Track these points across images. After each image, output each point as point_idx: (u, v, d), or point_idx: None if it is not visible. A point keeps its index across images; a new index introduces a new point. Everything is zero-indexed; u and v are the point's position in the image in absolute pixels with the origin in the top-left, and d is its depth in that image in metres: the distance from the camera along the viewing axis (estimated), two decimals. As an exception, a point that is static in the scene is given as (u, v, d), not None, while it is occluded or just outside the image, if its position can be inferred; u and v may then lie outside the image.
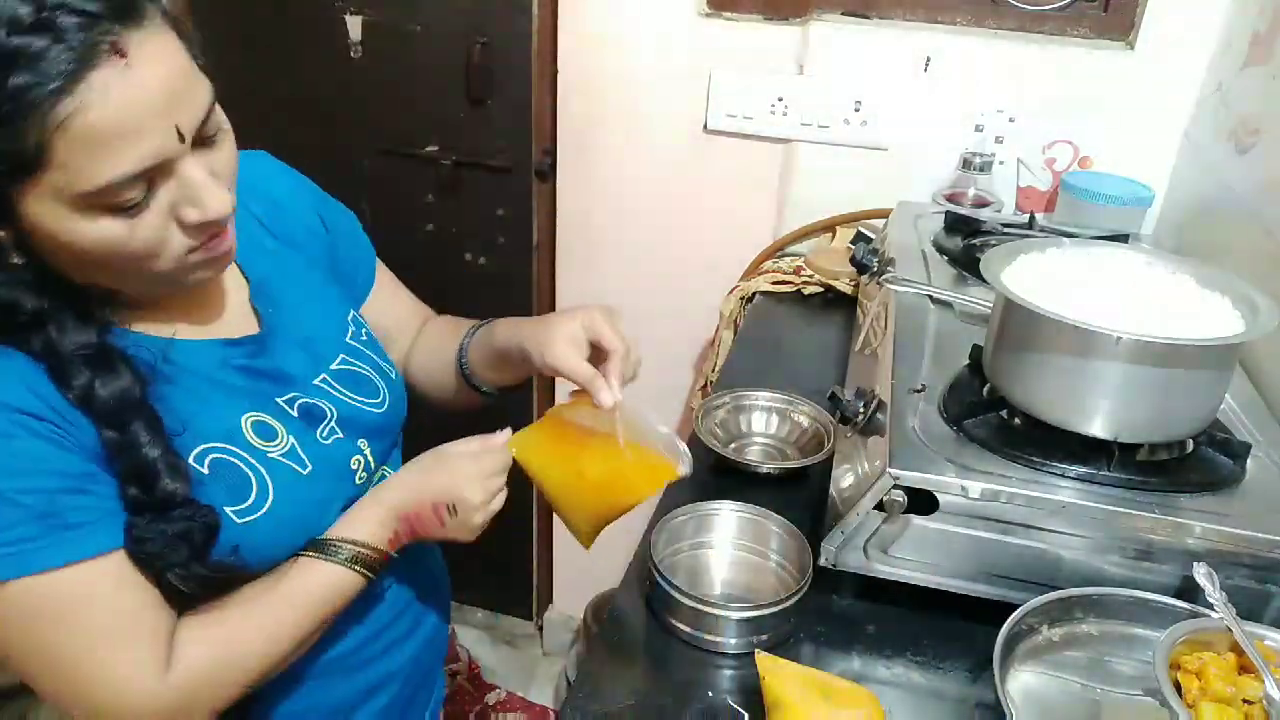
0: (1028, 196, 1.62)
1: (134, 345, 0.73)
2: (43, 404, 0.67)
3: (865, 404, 0.94)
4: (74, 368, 0.68)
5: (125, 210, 0.65)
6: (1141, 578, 0.83)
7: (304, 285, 0.90)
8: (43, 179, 0.61)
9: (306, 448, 0.82)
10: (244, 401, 0.79)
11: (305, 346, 0.87)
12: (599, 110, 1.78)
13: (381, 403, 0.91)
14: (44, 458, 0.66)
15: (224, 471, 0.75)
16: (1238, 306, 0.87)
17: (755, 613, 0.84)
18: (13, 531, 0.65)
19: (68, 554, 0.67)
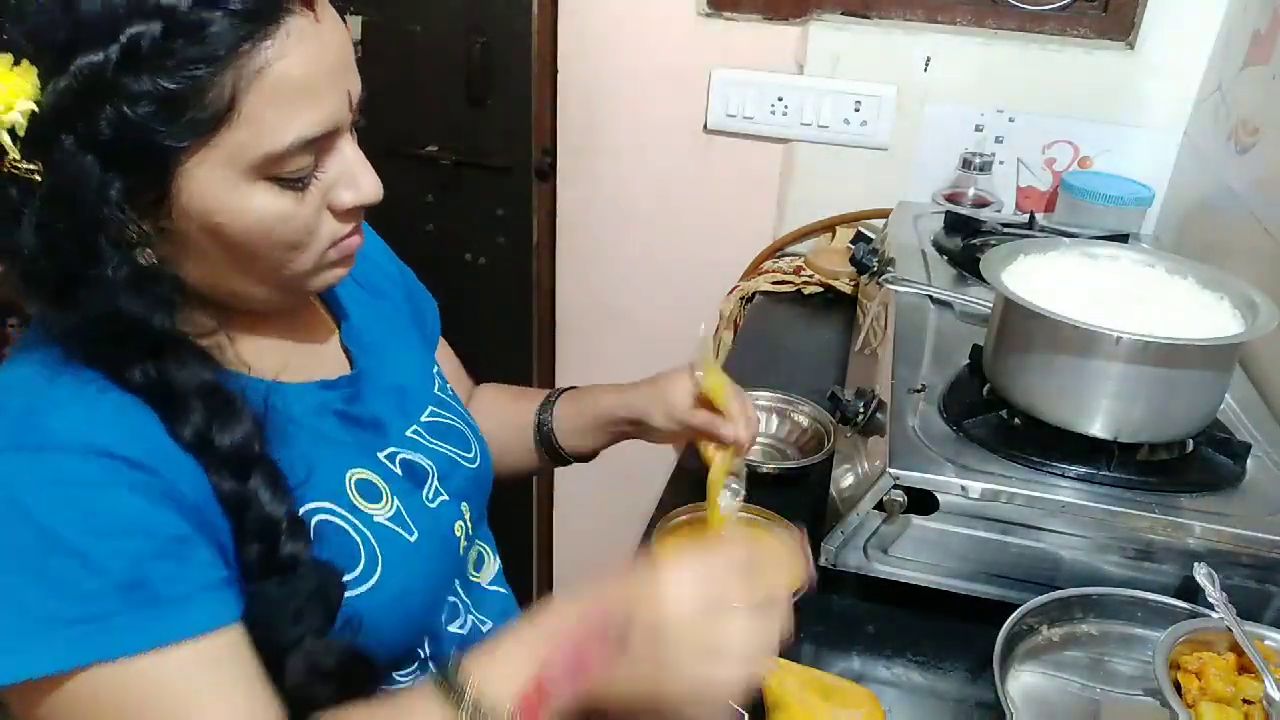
0: (1028, 196, 1.62)
1: (245, 385, 0.64)
2: (146, 450, 0.57)
3: (865, 404, 0.94)
4: (190, 406, 0.59)
5: (293, 183, 0.60)
6: (1141, 578, 0.83)
7: (390, 331, 0.84)
8: (223, 137, 0.56)
9: (413, 512, 0.72)
10: (348, 455, 0.70)
11: (396, 394, 0.79)
12: (599, 110, 1.78)
13: (474, 458, 0.83)
14: (137, 514, 0.55)
15: (331, 536, 0.65)
16: (1238, 306, 0.87)
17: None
18: (93, 605, 0.53)
19: (156, 635, 0.55)
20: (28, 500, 0.53)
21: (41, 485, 0.54)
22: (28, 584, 0.53)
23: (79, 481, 0.55)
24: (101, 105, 0.53)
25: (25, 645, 0.52)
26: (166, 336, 0.59)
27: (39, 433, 0.55)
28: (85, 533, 0.54)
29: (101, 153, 0.54)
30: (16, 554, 0.53)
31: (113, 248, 0.56)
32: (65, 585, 0.53)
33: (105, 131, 0.53)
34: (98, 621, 0.53)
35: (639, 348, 1.92)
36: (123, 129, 0.53)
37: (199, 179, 0.57)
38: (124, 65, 0.52)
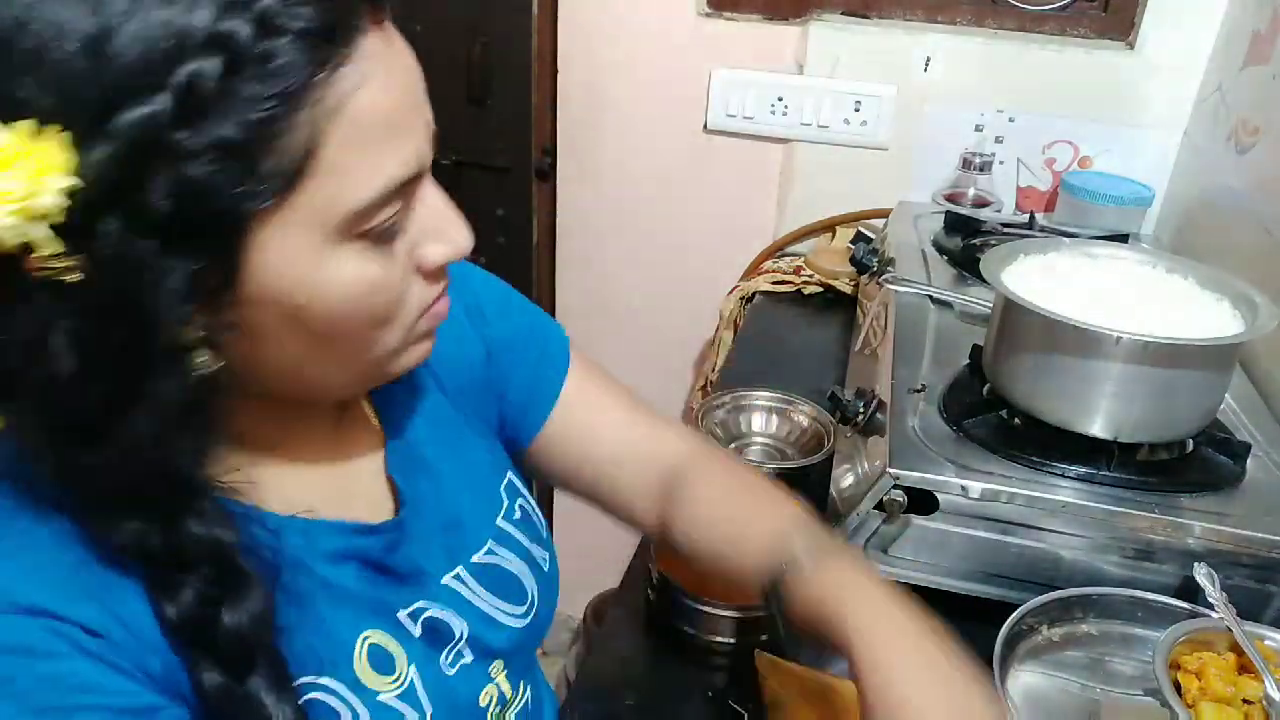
0: (1028, 196, 1.62)
1: (258, 528, 0.51)
2: (100, 611, 0.46)
3: (865, 404, 0.94)
4: (191, 580, 0.47)
5: (380, 239, 0.49)
6: (1141, 578, 0.83)
7: (456, 435, 0.68)
8: (303, 191, 0.45)
9: (428, 682, 0.59)
10: (361, 617, 0.58)
11: (448, 532, 0.65)
12: (599, 110, 1.78)
13: (526, 611, 0.68)
14: (95, 687, 0.45)
15: (321, 718, 0.54)
16: (1238, 306, 0.87)
17: (755, 613, 0.84)
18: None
19: None
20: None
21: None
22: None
23: (24, 649, 0.44)
24: (154, 170, 0.41)
25: None
26: (186, 485, 0.47)
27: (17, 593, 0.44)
28: (31, 713, 0.43)
29: (158, 233, 0.42)
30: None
31: (166, 361, 0.44)
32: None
33: (160, 204, 0.41)
34: None
35: (639, 348, 1.92)
36: (182, 198, 0.41)
37: (274, 250, 0.45)
38: (179, 115, 0.40)
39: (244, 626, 0.47)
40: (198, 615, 0.47)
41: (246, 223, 0.44)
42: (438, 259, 0.53)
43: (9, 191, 0.38)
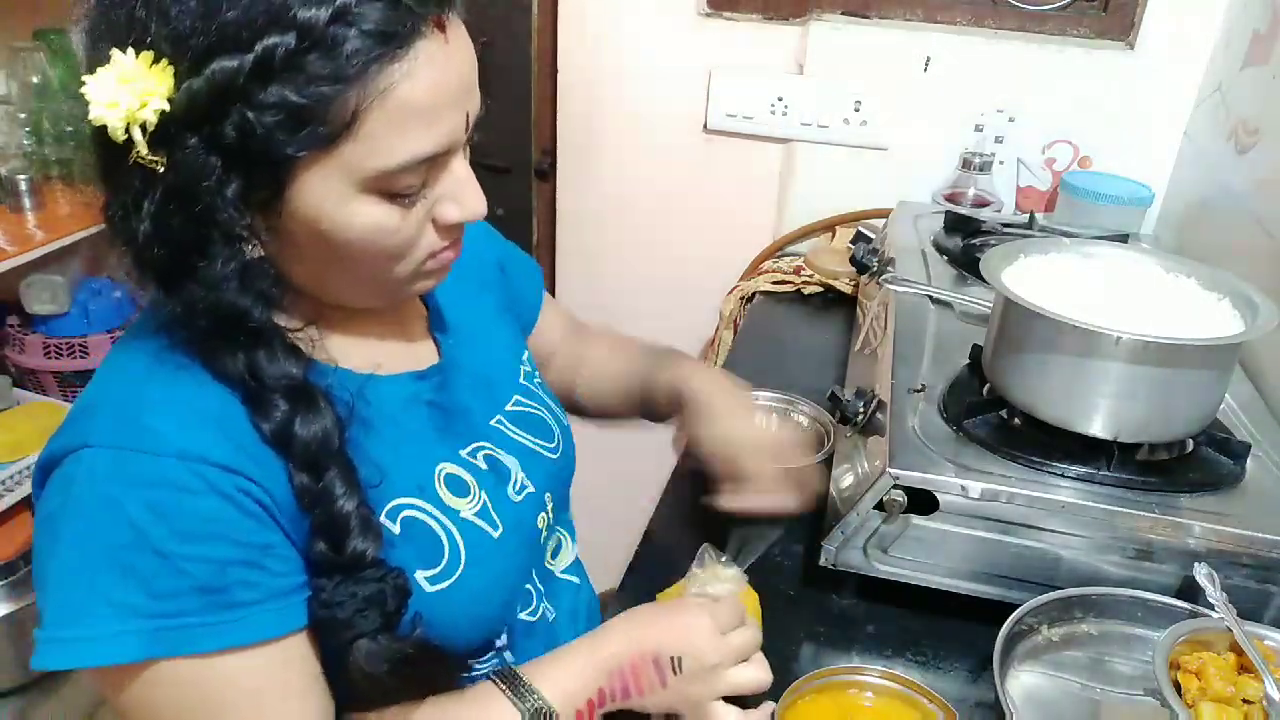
0: (1028, 196, 1.62)
1: (331, 382, 0.65)
2: (235, 451, 0.59)
3: (865, 404, 0.94)
4: (275, 401, 0.60)
5: (402, 198, 0.61)
6: (1141, 578, 0.83)
7: (479, 319, 0.85)
8: (340, 150, 0.57)
9: (499, 505, 0.74)
10: (437, 449, 0.72)
11: (482, 383, 0.80)
12: (599, 110, 1.78)
13: (556, 447, 0.84)
14: (223, 520, 0.58)
15: (416, 532, 0.68)
16: (1237, 306, 0.87)
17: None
18: (171, 603, 0.56)
19: (228, 638, 0.58)
20: (122, 498, 0.56)
21: (136, 485, 0.57)
22: (114, 576, 0.56)
23: (171, 485, 0.57)
24: (229, 110, 0.54)
25: (107, 633, 0.56)
26: (262, 330, 0.60)
27: (137, 432, 0.58)
28: (172, 536, 0.56)
29: (223, 154, 0.55)
30: (108, 547, 0.56)
31: (223, 241, 0.58)
32: (148, 582, 0.56)
33: (229, 134, 0.54)
34: (174, 619, 0.56)
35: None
36: (246, 134, 0.54)
37: (311, 187, 0.58)
38: (256, 74, 0.53)
39: (316, 437, 0.60)
40: (284, 433, 0.60)
41: (291, 163, 0.56)
42: (452, 218, 0.65)
43: (117, 102, 0.53)
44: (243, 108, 0.54)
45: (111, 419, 0.59)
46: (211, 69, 0.53)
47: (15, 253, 1.68)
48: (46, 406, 1.91)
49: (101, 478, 0.57)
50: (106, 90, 0.53)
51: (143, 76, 0.53)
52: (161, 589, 0.56)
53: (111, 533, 0.56)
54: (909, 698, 0.76)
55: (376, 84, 0.56)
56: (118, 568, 0.56)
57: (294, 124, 0.55)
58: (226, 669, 0.59)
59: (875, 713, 0.76)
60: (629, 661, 0.70)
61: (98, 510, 0.56)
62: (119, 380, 0.62)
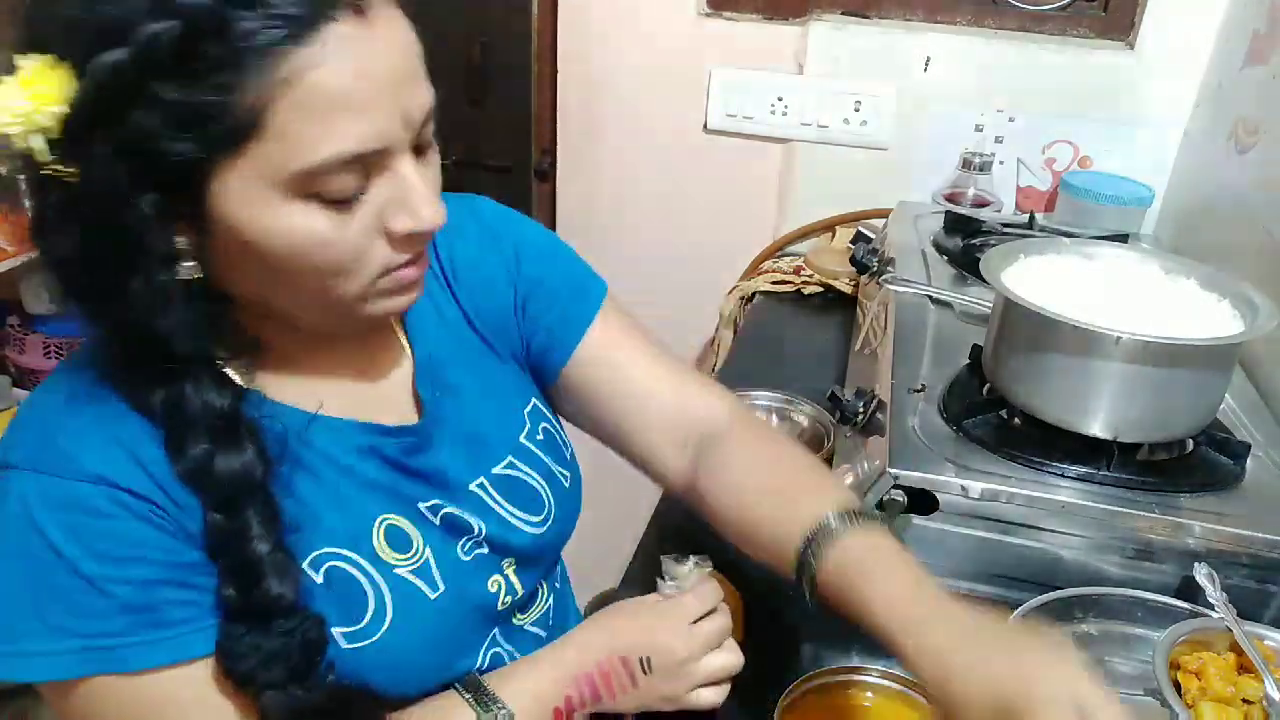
0: (1028, 196, 1.62)
1: (269, 416, 0.61)
2: (149, 482, 0.57)
3: (865, 404, 0.94)
4: (194, 435, 0.57)
5: (336, 203, 0.55)
6: (1141, 578, 0.83)
7: (480, 363, 0.76)
8: (251, 151, 0.51)
9: (442, 564, 0.68)
10: (381, 501, 0.66)
11: (470, 444, 0.72)
12: (599, 110, 1.78)
13: (543, 520, 0.75)
14: (144, 543, 0.56)
15: (339, 584, 0.63)
16: (1237, 306, 0.87)
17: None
18: (98, 623, 0.55)
19: (158, 657, 0.56)
20: (42, 520, 0.55)
21: (54, 508, 0.55)
22: (42, 596, 0.55)
23: (87, 509, 0.55)
24: (125, 109, 0.50)
25: (40, 650, 0.55)
26: (189, 358, 0.57)
27: (57, 458, 0.56)
28: (91, 558, 0.55)
29: (130, 160, 0.51)
30: (33, 568, 0.55)
31: (146, 259, 0.54)
32: (74, 603, 0.55)
33: (132, 138, 0.50)
34: (103, 639, 0.55)
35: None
36: (147, 137, 0.50)
37: (231, 192, 0.53)
38: (143, 66, 0.49)
39: (234, 473, 0.57)
40: (197, 467, 0.57)
41: (202, 166, 0.52)
42: (400, 229, 0.58)
43: (18, 108, 0.50)
44: (138, 106, 0.50)
45: (31, 441, 0.58)
46: (95, 63, 0.49)
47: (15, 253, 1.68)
48: (46, 406, 1.91)
49: (23, 497, 0.55)
50: (13, 98, 0.49)
51: (42, 80, 0.50)
52: (87, 609, 0.55)
53: (34, 555, 0.55)
54: (909, 698, 0.76)
55: (278, 72, 0.50)
56: (45, 589, 0.55)
57: (193, 121, 0.50)
58: (160, 687, 0.57)
59: (875, 713, 0.76)
60: (596, 665, 0.68)
61: (20, 532, 0.55)
62: (43, 403, 0.60)
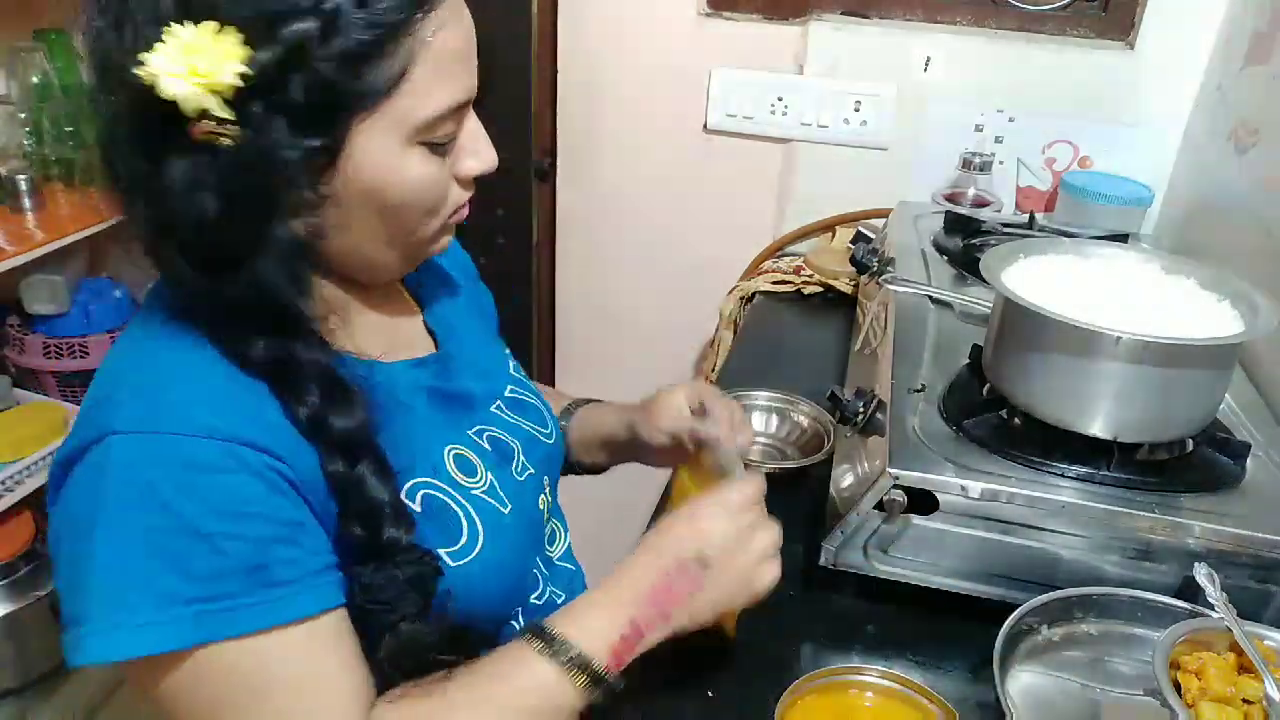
0: (1028, 196, 1.62)
1: (345, 367, 0.65)
2: (263, 430, 0.59)
3: (865, 404, 0.94)
4: (309, 388, 0.61)
5: (439, 147, 0.65)
6: (1141, 578, 0.83)
7: (467, 315, 0.88)
8: (392, 104, 0.60)
9: (505, 486, 0.76)
10: (442, 432, 0.74)
11: (479, 372, 0.83)
12: (599, 110, 1.78)
13: (550, 434, 0.88)
14: (257, 499, 0.58)
15: (436, 510, 0.69)
16: (1237, 306, 0.87)
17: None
18: (214, 585, 0.56)
19: (271, 617, 0.58)
20: (156, 480, 0.56)
21: (169, 468, 0.56)
22: (154, 563, 0.55)
23: (204, 466, 0.57)
24: (298, 70, 0.56)
25: (149, 622, 0.55)
26: (296, 315, 0.61)
27: (167, 416, 0.57)
28: (209, 515, 0.56)
29: (290, 115, 0.57)
30: (145, 534, 0.56)
31: (283, 213, 0.59)
32: (190, 566, 0.56)
33: (296, 95, 0.56)
34: (216, 601, 0.56)
35: (639, 348, 1.92)
36: (310, 91, 0.57)
37: (367, 143, 0.61)
38: (325, 33, 0.56)
39: (350, 427, 0.62)
40: (319, 421, 0.61)
41: (351, 118, 0.59)
42: (472, 170, 0.69)
43: (196, 68, 0.53)
44: (310, 66, 0.56)
45: (134, 404, 0.58)
46: (285, 32, 0.55)
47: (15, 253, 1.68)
48: (46, 406, 1.91)
49: (132, 463, 0.56)
50: (173, 62, 0.53)
51: (210, 46, 0.53)
52: (202, 571, 0.56)
53: (147, 518, 0.55)
54: (909, 698, 0.76)
55: (421, 34, 0.60)
56: (157, 554, 0.55)
57: (355, 76, 0.58)
58: (269, 650, 0.58)
59: (875, 713, 0.76)
60: (652, 585, 0.68)
61: (132, 496, 0.56)
62: (135, 367, 0.62)
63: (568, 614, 0.68)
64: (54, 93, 1.83)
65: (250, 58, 0.54)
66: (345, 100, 0.59)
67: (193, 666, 0.57)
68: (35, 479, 1.84)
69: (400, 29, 0.59)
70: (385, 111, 0.60)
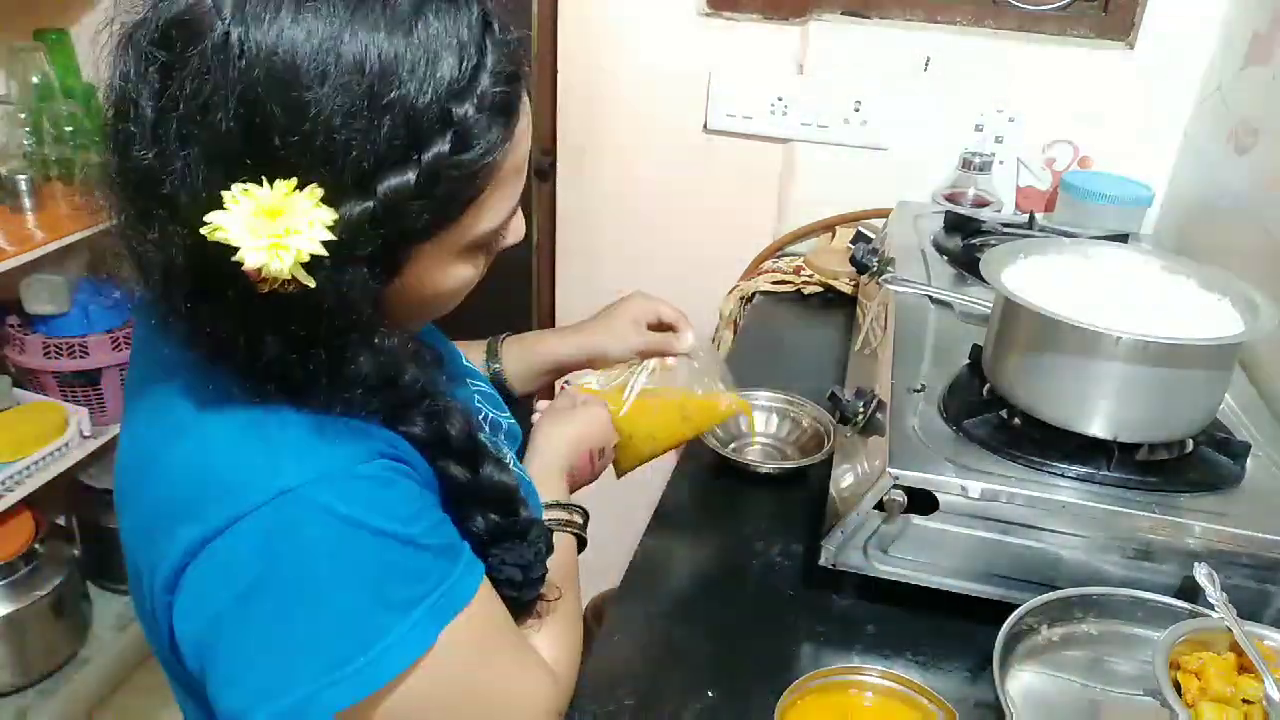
0: (1027, 196, 1.62)
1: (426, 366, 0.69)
2: (387, 445, 0.61)
3: (865, 404, 0.94)
4: (415, 414, 0.63)
5: (488, 247, 0.64)
6: (1141, 578, 0.83)
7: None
8: (455, 227, 0.59)
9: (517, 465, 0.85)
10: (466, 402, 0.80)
11: (452, 362, 0.89)
12: (599, 110, 1.78)
13: (509, 415, 0.93)
14: (419, 496, 0.61)
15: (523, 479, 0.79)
16: (1237, 306, 0.87)
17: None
18: (432, 578, 0.59)
19: (474, 581, 0.63)
20: (351, 513, 0.56)
21: (351, 498, 0.57)
22: (380, 584, 0.57)
23: (376, 483, 0.58)
24: (389, 224, 0.53)
25: (399, 636, 0.57)
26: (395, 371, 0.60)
27: (319, 459, 0.58)
28: (402, 522, 0.58)
29: (365, 262, 0.54)
30: (363, 560, 0.57)
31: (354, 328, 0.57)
32: (409, 571, 0.58)
33: (376, 245, 0.54)
34: (440, 588, 0.59)
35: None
36: (392, 237, 0.54)
37: (425, 262, 0.60)
38: (420, 185, 0.53)
39: (464, 435, 0.64)
40: (434, 433, 0.63)
41: (421, 246, 0.58)
42: (507, 244, 0.67)
43: (278, 235, 0.48)
44: (402, 218, 0.54)
45: (287, 457, 0.57)
46: (380, 186, 0.52)
47: (15, 253, 1.68)
48: (46, 406, 1.91)
49: (321, 507, 0.56)
50: (245, 224, 0.49)
51: (292, 210, 0.49)
52: (419, 571, 0.59)
53: (358, 548, 0.56)
54: (909, 698, 0.76)
55: (497, 161, 0.57)
56: (380, 574, 0.57)
57: (440, 215, 0.57)
58: (485, 606, 0.64)
59: (875, 713, 0.76)
60: (576, 463, 0.89)
61: (335, 536, 0.56)
62: (255, 431, 0.59)
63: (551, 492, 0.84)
64: (54, 93, 1.83)
65: (338, 220, 0.51)
66: (423, 233, 0.57)
67: (442, 655, 0.59)
68: (35, 479, 1.84)
69: (490, 167, 0.57)
70: (447, 233, 0.59)
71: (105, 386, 1.98)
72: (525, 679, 0.68)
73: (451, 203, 0.57)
